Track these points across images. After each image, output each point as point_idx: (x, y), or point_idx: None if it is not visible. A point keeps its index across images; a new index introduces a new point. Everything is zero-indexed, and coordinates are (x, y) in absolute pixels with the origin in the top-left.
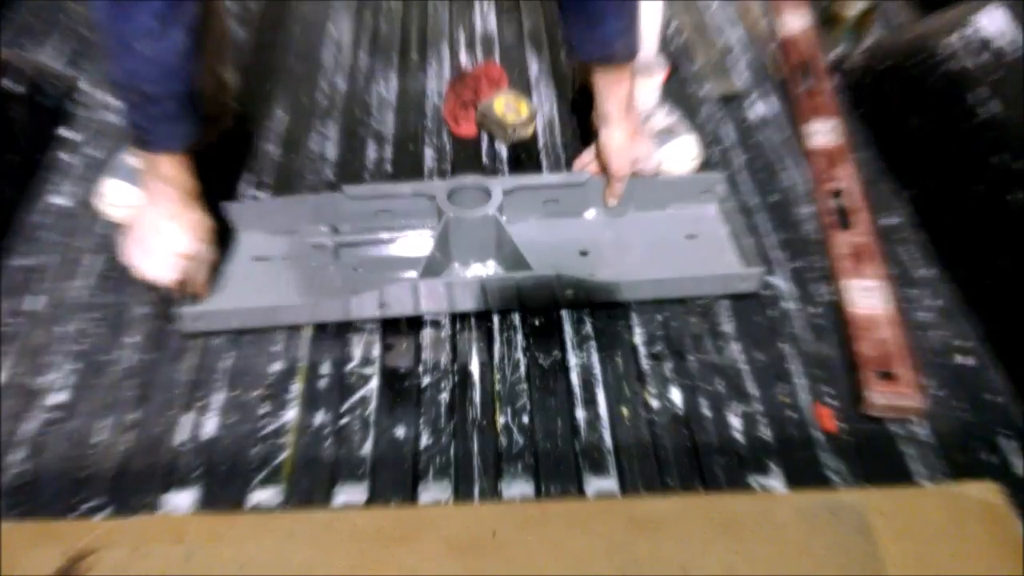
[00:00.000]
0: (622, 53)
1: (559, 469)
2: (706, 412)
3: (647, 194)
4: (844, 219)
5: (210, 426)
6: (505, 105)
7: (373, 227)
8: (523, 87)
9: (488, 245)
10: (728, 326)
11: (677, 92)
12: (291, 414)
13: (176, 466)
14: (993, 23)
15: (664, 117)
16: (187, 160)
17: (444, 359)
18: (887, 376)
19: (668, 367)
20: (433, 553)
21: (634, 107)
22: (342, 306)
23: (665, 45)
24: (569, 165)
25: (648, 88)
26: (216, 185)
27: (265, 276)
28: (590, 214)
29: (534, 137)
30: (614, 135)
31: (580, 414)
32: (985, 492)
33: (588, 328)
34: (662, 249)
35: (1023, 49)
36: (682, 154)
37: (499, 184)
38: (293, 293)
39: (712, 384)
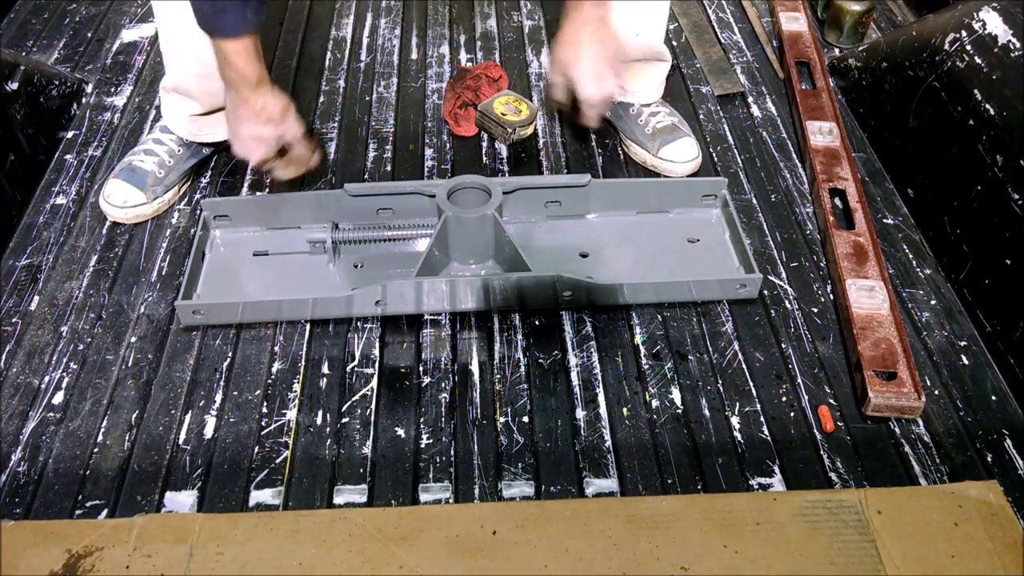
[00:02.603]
0: None
1: (559, 469)
2: (706, 412)
3: (650, 197)
4: (844, 219)
5: (210, 426)
6: (505, 105)
7: (374, 225)
8: (523, 87)
9: (487, 245)
10: (728, 326)
11: (677, 92)
12: (291, 414)
13: (177, 466)
14: (992, 23)
15: (666, 117)
16: (252, 47)
17: (444, 359)
18: (887, 376)
19: (668, 367)
20: (433, 553)
21: (610, 29)
22: (342, 302)
23: (666, 43)
24: (569, 165)
25: (654, 78)
26: (217, 184)
27: (265, 271)
28: (592, 216)
29: (534, 137)
30: (583, 53)
31: (580, 414)
32: (985, 492)
33: (588, 328)
34: (663, 253)
35: (1022, 49)
36: (682, 155)
37: (499, 184)
38: (293, 289)
39: (712, 384)
